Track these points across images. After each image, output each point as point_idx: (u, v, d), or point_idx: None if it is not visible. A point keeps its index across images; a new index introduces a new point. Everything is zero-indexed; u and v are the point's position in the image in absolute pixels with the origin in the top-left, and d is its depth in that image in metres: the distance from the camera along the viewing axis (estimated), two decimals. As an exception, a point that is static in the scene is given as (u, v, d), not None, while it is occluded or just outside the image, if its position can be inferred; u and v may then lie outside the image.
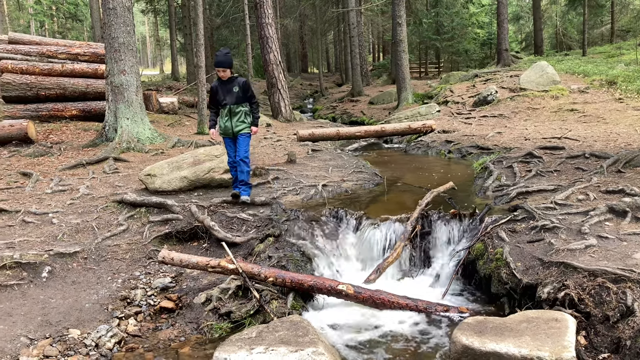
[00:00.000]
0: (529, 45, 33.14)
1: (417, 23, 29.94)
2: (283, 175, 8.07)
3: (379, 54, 47.53)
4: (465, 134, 12.07)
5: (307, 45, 45.82)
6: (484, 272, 5.16)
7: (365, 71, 29.86)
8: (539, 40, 27.59)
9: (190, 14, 22.78)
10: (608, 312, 3.90)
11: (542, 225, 5.25)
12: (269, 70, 17.23)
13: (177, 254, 5.16)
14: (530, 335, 3.62)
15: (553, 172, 7.39)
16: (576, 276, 4.27)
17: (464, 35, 30.34)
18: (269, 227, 6.07)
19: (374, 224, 6.11)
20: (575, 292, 4.16)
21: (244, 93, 6.35)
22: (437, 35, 29.65)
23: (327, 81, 35.48)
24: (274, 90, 17.30)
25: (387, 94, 22.33)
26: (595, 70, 17.33)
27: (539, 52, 26.99)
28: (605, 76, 15.97)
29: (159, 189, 6.96)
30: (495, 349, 3.55)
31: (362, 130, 12.66)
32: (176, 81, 27.62)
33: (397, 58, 19.03)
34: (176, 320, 4.77)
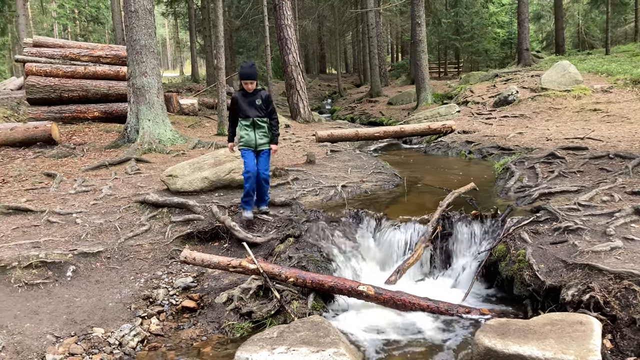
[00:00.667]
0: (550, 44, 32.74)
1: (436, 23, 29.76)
2: (302, 176, 8.09)
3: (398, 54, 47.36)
4: (485, 135, 11.96)
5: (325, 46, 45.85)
6: (506, 274, 5.10)
7: (384, 72, 29.78)
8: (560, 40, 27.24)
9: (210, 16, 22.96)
10: (634, 315, 3.84)
11: (566, 227, 5.18)
12: (287, 72, 17.28)
13: (198, 254, 5.20)
14: (555, 338, 3.57)
15: (576, 173, 7.29)
16: (601, 278, 4.21)
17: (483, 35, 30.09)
18: (289, 227, 6.08)
19: (394, 224, 6.09)
20: (601, 294, 4.09)
21: (266, 107, 6.12)
22: (457, 35, 29.45)
23: (345, 82, 35.46)
24: (292, 91, 17.34)
25: (406, 95, 22.23)
26: (619, 69, 17.04)
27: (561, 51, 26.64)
28: (630, 75, 15.68)
29: (181, 190, 7.02)
30: (518, 352, 3.50)
31: (381, 130, 12.60)
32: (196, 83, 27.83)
33: (417, 58, 18.94)
34: (198, 320, 4.81)
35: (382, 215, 6.27)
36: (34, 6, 40.90)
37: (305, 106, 17.39)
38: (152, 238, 6.10)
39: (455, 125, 12.65)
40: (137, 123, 10.41)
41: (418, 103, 18.92)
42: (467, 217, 6.03)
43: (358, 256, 5.94)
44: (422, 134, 12.84)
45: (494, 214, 5.94)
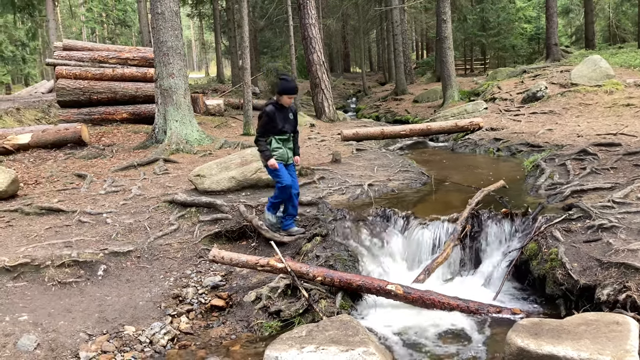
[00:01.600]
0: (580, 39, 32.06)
1: (462, 19, 29.44)
2: (328, 175, 8.08)
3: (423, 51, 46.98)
4: (514, 132, 11.77)
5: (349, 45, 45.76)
6: (537, 273, 5.01)
7: (409, 69, 29.57)
8: (590, 34, 26.64)
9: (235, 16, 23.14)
10: (673, 315, 3.73)
11: (600, 225, 5.06)
12: (312, 71, 17.29)
13: (226, 253, 5.24)
14: (590, 338, 3.49)
15: (609, 170, 7.12)
16: (638, 277, 4.10)
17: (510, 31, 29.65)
18: (316, 226, 6.09)
19: (422, 223, 6.04)
20: (638, 294, 3.99)
21: (295, 121, 6.06)
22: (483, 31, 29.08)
23: (369, 80, 35.34)
24: (317, 90, 17.35)
25: (431, 92, 22.03)
26: (652, 63, 16.60)
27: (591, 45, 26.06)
28: (664, 69, 15.27)
29: (208, 189, 7.08)
30: (552, 352, 3.44)
31: (407, 128, 12.53)
32: (221, 83, 28.08)
33: (442, 55, 18.76)
34: (227, 318, 4.85)
35: (410, 214, 6.22)
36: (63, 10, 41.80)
37: (330, 105, 17.38)
38: (181, 237, 6.17)
39: (482, 122, 12.50)
40: (165, 124, 10.55)
41: (444, 100, 18.73)
42: (497, 216, 5.94)
43: (386, 255, 5.91)
44: (448, 131, 12.72)
45: (525, 212, 5.84)
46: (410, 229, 6.08)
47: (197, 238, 6.15)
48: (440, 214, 6.10)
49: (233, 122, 15.48)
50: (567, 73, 16.56)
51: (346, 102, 29.53)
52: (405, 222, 6.18)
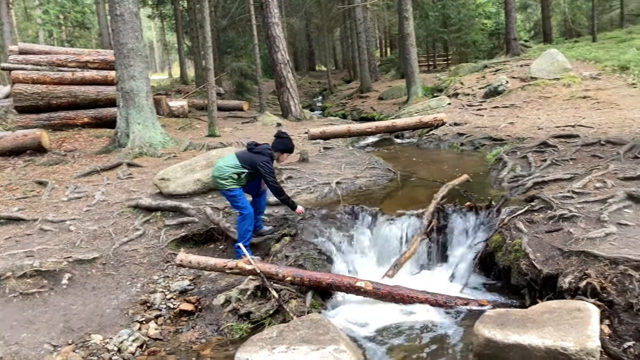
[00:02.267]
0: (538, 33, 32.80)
1: (424, 16, 29.75)
2: (296, 174, 8.08)
3: (387, 48, 47.35)
4: (477, 126, 11.99)
5: (314, 43, 45.77)
6: (502, 264, 5.13)
7: (374, 67, 29.75)
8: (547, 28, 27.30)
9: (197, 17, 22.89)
10: (631, 300, 3.86)
11: (560, 215, 5.20)
12: (277, 70, 17.24)
13: (194, 257, 5.19)
14: (553, 325, 3.58)
15: (569, 161, 7.32)
16: (597, 265, 4.23)
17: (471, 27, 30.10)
18: (285, 226, 6.09)
19: (390, 219, 6.10)
20: (597, 280, 4.12)
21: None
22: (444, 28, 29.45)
23: (335, 78, 35.42)
24: (283, 90, 17.30)
25: (396, 89, 22.22)
26: (606, 56, 17.11)
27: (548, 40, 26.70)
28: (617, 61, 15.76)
29: (174, 193, 6.99)
30: (518, 341, 3.52)
31: (373, 126, 12.60)
32: (185, 84, 27.71)
33: (405, 52, 18.94)
34: (196, 323, 4.80)
35: (378, 211, 6.28)
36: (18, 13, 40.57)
37: (296, 104, 17.36)
38: (147, 242, 6.08)
39: (446, 117, 12.67)
40: (127, 127, 10.36)
41: (409, 97, 18.93)
42: (461, 209, 6.05)
43: (355, 252, 5.95)
44: (413, 127, 12.85)
45: (488, 204, 5.96)
46: (378, 225, 6.13)
47: (163, 243, 6.07)
48: (407, 210, 6.17)
49: (198, 124, 15.31)
50: (526, 67, 16.96)
51: (312, 100, 29.51)
52: (373, 218, 6.23)
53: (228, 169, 5.57)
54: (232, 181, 5.59)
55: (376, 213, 6.24)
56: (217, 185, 5.68)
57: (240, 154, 5.73)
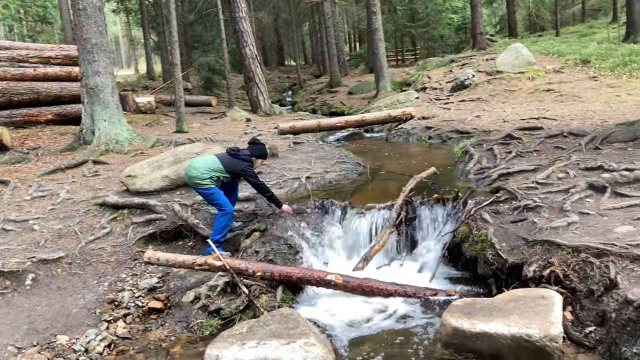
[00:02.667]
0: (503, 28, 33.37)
1: (392, 11, 29.96)
2: (266, 169, 8.05)
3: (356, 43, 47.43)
4: (444, 119, 12.14)
5: (282, 38, 45.53)
6: (469, 255, 5.22)
7: (343, 61, 29.81)
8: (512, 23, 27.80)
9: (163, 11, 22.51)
10: (592, 286, 3.97)
11: (525, 205, 5.31)
12: (245, 65, 17.12)
13: (162, 254, 5.12)
14: (519, 313, 3.67)
15: (533, 152, 7.48)
16: (560, 253, 4.34)
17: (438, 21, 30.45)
18: (255, 221, 6.07)
19: (359, 213, 6.14)
20: (560, 268, 4.22)
21: None
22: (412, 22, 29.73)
23: (304, 73, 35.36)
24: (251, 85, 17.20)
25: (365, 84, 22.33)
26: (569, 49, 17.53)
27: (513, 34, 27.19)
28: (579, 55, 16.17)
29: (141, 190, 6.88)
30: (484, 330, 3.59)
31: (343, 120, 12.66)
32: (152, 80, 27.29)
33: (374, 47, 19.04)
34: (165, 320, 4.75)
35: (347, 204, 6.30)
36: (-23, 8, 39.26)
37: (266, 99, 17.28)
38: (114, 240, 5.98)
39: (414, 111, 12.82)
40: (93, 124, 10.14)
41: (378, 91, 19.04)
42: (429, 202, 6.13)
43: (325, 246, 5.97)
44: (382, 122, 12.96)
45: (455, 196, 6.05)
46: (348, 218, 6.17)
47: (131, 240, 5.97)
48: (376, 203, 6.21)
49: (165, 120, 15.10)
50: (492, 61, 17.25)
51: (282, 95, 29.44)
52: (342, 212, 6.25)
53: (209, 172, 5.59)
54: (211, 181, 5.61)
55: (346, 207, 6.27)
56: (195, 185, 5.64)
57: (223, 159, 5.75)
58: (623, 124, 7.46)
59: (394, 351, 4.06)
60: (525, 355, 3.50)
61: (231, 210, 5.71)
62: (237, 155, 5.75)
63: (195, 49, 25.58)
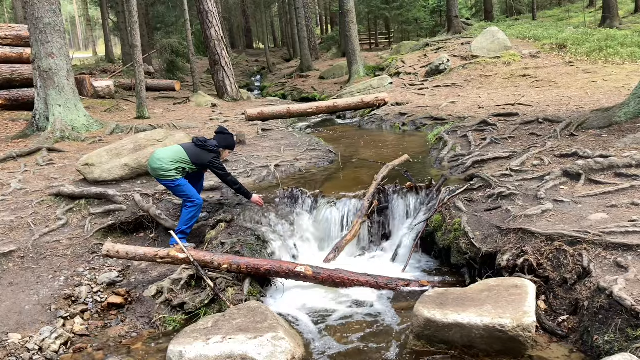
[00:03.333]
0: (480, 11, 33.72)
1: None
2: (232, 157, 7.99)
3: (328, 26, 47.33)
4: (418, 106, 12.23)
5: (250, 20, 45.11)
6: (443, 244, 5.29)
7: (314, 45, 29.74)
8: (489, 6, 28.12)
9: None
10: (566, 275, 4.07)
11: (499, 193, 5.41)
12: (210, 47, 16.91)
13: (122, 247, 5.06)
14: (492, 303, 3.74)
15: (508, 139, 7.60)
16: (534, 241, 4.43)
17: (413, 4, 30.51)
18: (220, 212, 6.04)
19: (330, 202, 6.16)
20: (534, 257, 4.32)
21: None
22: (386, 4, 29.72)
23: (274, 56, 35.15)
24: (217, 68, 17.01)
25: (337, 68, 22.33)
26: (545, 34, 17.83)
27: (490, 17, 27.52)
28: (556, 40, 16.47)
29: (99, 179, 6.77)
30: (457, 320, 3.65)
31: (314, 106, 12.64)
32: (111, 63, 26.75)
33: (346, 29, 19.01)
34: (126, 316, 4.70)
35: (318, 193, 6.32)
36: None
37: (232, 83, 17.13)
38: (71, 233, 5.86)
39: (388, 97, 12.88)
40: (47, 109, 9.89)
41: (350, 76, 19.06)
42: (402, 190, 6.18)
43: (295, 237, 5.98)
44: (355, 108, 12.99)
45: (429, 184, 6.12)
46: (319, 208, 6.18)
47: (88, 233, 5.87)
48: (347, 192, 6.25)
49: (125, 105, 14.84)
50: (468, 45, 17.43)
51: (250, 80, 29.22)
52: (313, 201, 6.27)
53: (173, 163, 5.50)
54: (176, 172, 5.53)
55: (317, 196, 6.28)
56: (160, 177, 5.54)
57: (189, 149, 5.66)
58: (598, 110, 7.64)
59: (366, 344, 4.10)
60: (498, 345, 3.58)
61: (200, 201, 5.67)
62: (204, 146, 5.67)
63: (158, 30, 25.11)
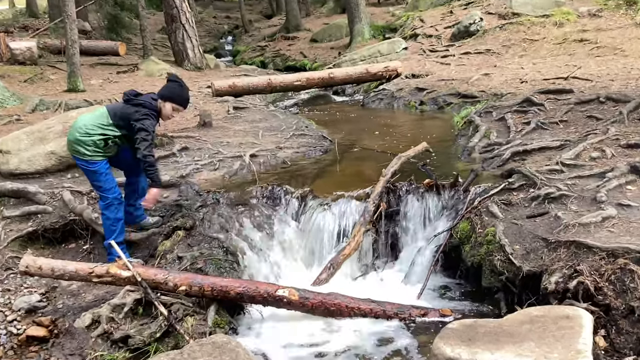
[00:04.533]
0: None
1: None
2: (194, 144, 7.99)
3: (322, -29, 47.29)
4: (442, 78, 12.24)
5: (220, -38, 45.03)
6: (471, 261, 5.31)
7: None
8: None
9: None
10: (633, 302, 4.08)
11: (546, 194, 5.42)
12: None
13: (46, 261, 5.04)
14: (535, 339, 3.74)
15: (559, 124, 7.62)
16: (591, 258, 4.44)
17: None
18: (178, 216, 6.02)
19: (323, 204, 6.17)
20: (591, 279, 4.32)
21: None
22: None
23: (251, 12, 35.10)
24: (176, 26, 16.96)
25: (334, 27, 22.30)
26: (610, -15, 17.85)
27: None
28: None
29: (16, 171, 6.77)
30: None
31: (303, 78, 12.62)
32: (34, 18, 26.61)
33: (347, -24, 19.02)
34: (51, 353, 4.69)
35: (307, 193, 6.33)
36: None
37: (196, 47, 17.10)
38: (-23, 242, 5.87)
39: (401, 67, 12.89)
40: (-54, 78, 9.86)
41: (352, 39, 19.05)
42: (418, 189, 6.20)
43: (275, 250, 5.99)
44: (357, 80, 12.99)
45: (454, 182, 6.13)
46: (308, 212, 6.19)
47: (1, 242, 5.87)
48: (346, 191, 6.26)
49: (52, 74, 14.80)
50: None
51: (219, 42, 29.21)
52: (301, 203, 6.29)
53: (92, 130, 5.34)
54: (94, 149, 5.37)
55: (305, 196, 6.30)
56: (73, 153, 5.48)
57: (112, 107, 5.57)
58: (678, 86, 7.67)
59: (368, 392, 4.11)
60: (542, 394, 3.59)
61: (115, 197, 5.52)
62: (133, 100, 5.46)
63: (96, -26, 25.05)
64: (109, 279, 4.92)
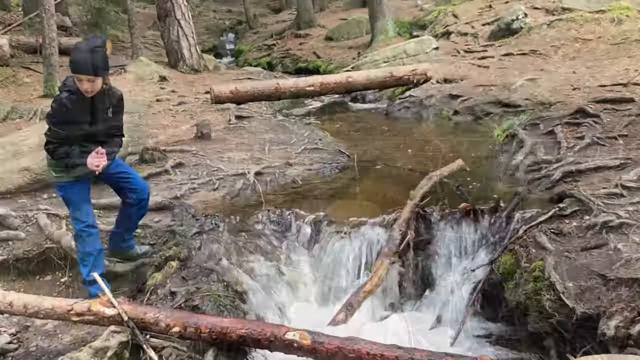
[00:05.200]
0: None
1: None
2: (190, 159, 8.02)
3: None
4: (479, 84, 12.22)
5: (221, -52, 45.43)
6: (515, 300, 5.26)
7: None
8: None
9: None
10: None
11: (604, 222, 5.38)
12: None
13: (18, 296, 5.05)
14: (592, 394, 3.71)
15: (617, 139, 7.58)
16: (659, 299, 4.41)
17: None
18: (170, 244, 6.02)
19: (341, 231, 6.16)
20: (658, 323, 4.29)
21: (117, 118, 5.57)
22: None
23: (256, 5, 35.29)
24: (169, 22, 17.07)
25: (353, 24, 22.39)
26: (676, -24, 17.83)
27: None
28: (693, -15, 16.44)
29: (-16, 190, 6.82)
30: (538, 421, 3.63)
31: (317, 82, 12.64)
32: (5, 12, 26.91)
33: (368, -35, 19.11)
34: (21, 407, 4.70)
35: (321, 218, 6.34)
36: None
37: (192, 45, 17.19)
38: (-62, 274, 5.90)
39: (431, 70, 12.88)
40: None
41: (373, 37, 19.10)
42: (453, 215, 6.17)
43: (284, 285, 5.97)
44: (380, 86, 12.99)
45: (495, 207, 6.11)
46: (323, 241, 6.20)
47: (-34, 274, 5.91)
48: (367, 216, 6.25)
49: (27, 76, 14.92)
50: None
51: (219, 40, 29.33)
52: (314, 230, 6.29)
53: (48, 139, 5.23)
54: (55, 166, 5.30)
55: (319, 222, 6.30)
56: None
57: None
58: None
59: None
60: None
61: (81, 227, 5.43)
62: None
63: (79, -39, 25.35)
64: (91, 317, 4.91)
